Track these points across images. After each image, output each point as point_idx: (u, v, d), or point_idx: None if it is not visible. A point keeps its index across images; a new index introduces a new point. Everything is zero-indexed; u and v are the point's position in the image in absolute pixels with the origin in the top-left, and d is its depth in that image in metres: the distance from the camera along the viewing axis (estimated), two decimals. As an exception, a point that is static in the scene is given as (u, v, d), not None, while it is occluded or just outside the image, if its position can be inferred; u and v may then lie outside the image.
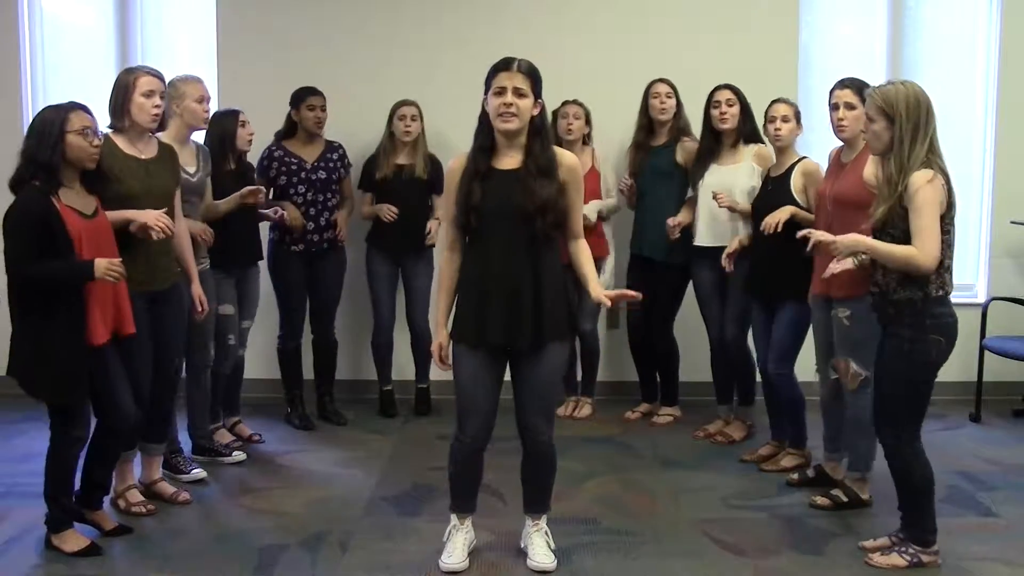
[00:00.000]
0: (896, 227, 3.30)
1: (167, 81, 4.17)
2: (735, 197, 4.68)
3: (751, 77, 5.04)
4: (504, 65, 3.21)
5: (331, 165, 5.14)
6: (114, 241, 3.56)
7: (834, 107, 4.02)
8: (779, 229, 4.21)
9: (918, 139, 3.27)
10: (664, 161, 5.07)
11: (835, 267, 3.60)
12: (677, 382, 5.34)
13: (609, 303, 3.28)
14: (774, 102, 4.44)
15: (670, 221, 4.90)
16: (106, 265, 3.35)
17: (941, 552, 3.52)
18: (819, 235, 3.47)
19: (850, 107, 3.96)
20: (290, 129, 5.13)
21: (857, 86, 3.97)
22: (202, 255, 4.33)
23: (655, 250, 5.08)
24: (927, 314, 3.32)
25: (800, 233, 3.60)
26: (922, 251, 3.22)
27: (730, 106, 4.75)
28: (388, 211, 5.15)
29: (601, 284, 5.12)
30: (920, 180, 3.23)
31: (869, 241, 3.34)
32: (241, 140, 4.66)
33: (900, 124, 3.27)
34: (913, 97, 3.29)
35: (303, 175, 5.05)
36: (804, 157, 4.41)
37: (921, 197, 3.22)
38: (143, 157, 3.84)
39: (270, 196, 5.08)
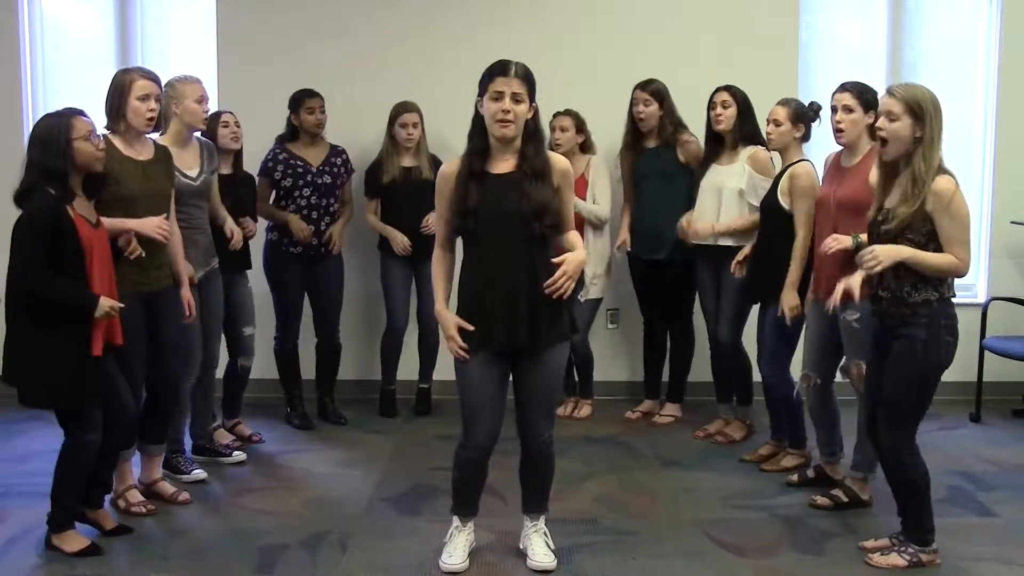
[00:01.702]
0: (917, 232, 3.28)
1: (166, 82, 4.17)
2: (723, 196, 4.71)
3: (751, 78, 5.04)
4: (501, 70, 3.21)
5: (335, 170, 5.14)
6: (111, 252, 3.56)
7: (832, 110, 4.00)
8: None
9: (938, 141, 3.29)
10: (666, 164, 5.06)
11: (833, 244, 3.71)
12: (686, 380, 5.34)
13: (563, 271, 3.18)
14: (776, 104, 4.42)
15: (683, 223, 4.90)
16: (108, 307, 3.37)
17: (941, 552, 3.52)
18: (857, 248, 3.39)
19: (848, 111, 3.93)
20: (292, 132, 5.13)
21: (858, 90, 3.95)
22: (211, 255, 4.32)
23: (658, 251, 5.09)
24: (942, 315, 3.35)
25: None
26: (963, 261, 3.26)
27: (725, 108, 4.74)
28: (403, 247, 5.15)
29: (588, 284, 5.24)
30: (950, 187, 3.24)
31: (909, 251, 3.28)
32: (223, 139, 4.61)
33: (930, 123, 3.27)
34: (936, 99, 3.32)
35: (308, 178, 5.04)
36: (802, 159, 4.38)
37: (956, 205, 3.24)
38: (140, 158, 3.84)
39: (273, 199, 5.08)
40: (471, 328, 3.26)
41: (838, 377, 4.14)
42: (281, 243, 5.06)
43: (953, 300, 3.40)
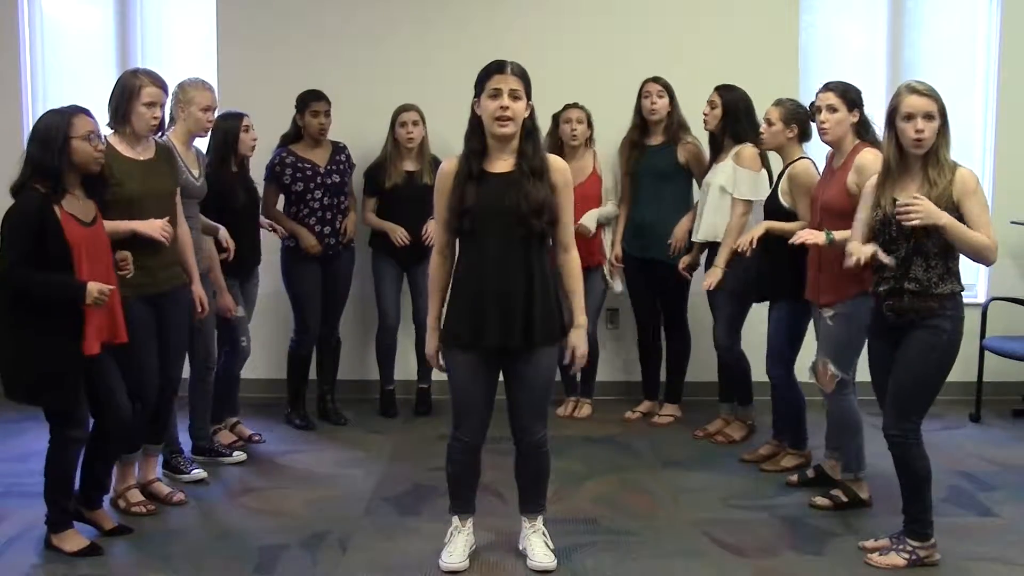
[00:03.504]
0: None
1: (178, 82, 4.18)
2: (710, 195, 4.73)
3: (751, 77, 5.04)
4: (497, 68, 3.22)
5: (341, 167, 5.14)
6: (110, 250, 3.56)
7: (816, 110, 4.01)
8: (753, 245, 4.22)
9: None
10: (664, 162, 5.07)
11: (807, 238, 3.78)
12: (683, 380, 5.34)
13: (582, 355, 3.38)
14: (771, 104, 4.41)
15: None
16: (97, 292, 3.34)
17: (941, 552, 3.52)
18: (915, 204, 3.25)
19: (832, 110, 3.94)
20: (296, 133, 5.11)
21: (841, 89, 3.96)
22: (203, 256, 4.32)
23: (659, 251, 5.09)
24: (961, 308, 3.40)
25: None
26: (993, 242, 3.30)
27: (712, 108, 4.78)
28: (402, 237, 5.14)
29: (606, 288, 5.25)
30: (973, 176, 3.30)
31: (949, 217, 3.24)
32: (244, 145, 4.61)
33: (947, 119, 3.32)
34: None
35: (319, 180, 5.03)
36: (801, 158, 4.37)
37: (981, 191, 3.31)
38: (141, 159, 3.83)
39: (282, 202, 5.08)
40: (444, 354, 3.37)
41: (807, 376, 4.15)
42: (299, 249, 5.04)
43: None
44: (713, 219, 4.73)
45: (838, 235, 3.73)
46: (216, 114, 4.30)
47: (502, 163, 3.28)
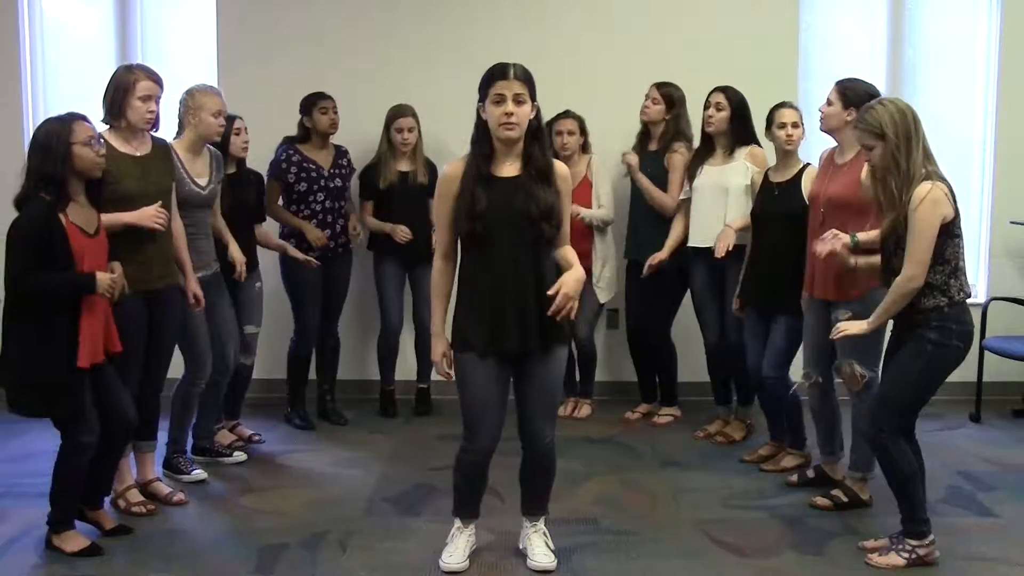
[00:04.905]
0: (904, 237, 3.31)
1: (186, 89, 4.18)
2: (729, 197, 4.69)
3: (751, 78, 5.04)
4: (501, 73, 3.19)
5: (343, 171, 5.16)
6: (107, 259, 3.55)
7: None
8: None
9: (912, 147, 3.30)
10: (654, 168, 5.07)
11: (829, 244, 3.67)
12: (676, 383, 5.34)
13: (564, 294, 3.14)
14: (782, 106, 4.40)
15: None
16: (108, 281, 3.36)
17: (941, 552, 3.52)
18: (845, 326, 3.55)
19: (828, 103, 4.01)
20: (304, 135, 5.11)
21: (842, 86, 4.01)
22: (212, 258, 4.32)
23: (650, 253, 5.08)
24: (953, 319, 3.36)
25: (840, 332, 3.60)
26: (905, 277, 3.29)
27: (719, 111, 4.75)
28: (403, 233, 5.14)
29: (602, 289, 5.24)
30: (918, 196, 3.26)
31: (864, 325, 3.45)
32: (235, 147, 4.59)
33: (892, 139, 3.30)
34: (897, 111, 3.34)
35: (322, 183, 5.05)
36: (809, 164, 4.39)
37: (918, 216, 3.26)
38: (138, 155, 3.83)
39: (283, 200, 5.09)
40: (451, 360, 3.31)
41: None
42: (299, 249, 5.04)
43: (965, 303, 3.38)
44: (741, 221, 4.69)
45: (862, 236, 3.69)
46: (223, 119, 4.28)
47: (508, 167, 3.26)
